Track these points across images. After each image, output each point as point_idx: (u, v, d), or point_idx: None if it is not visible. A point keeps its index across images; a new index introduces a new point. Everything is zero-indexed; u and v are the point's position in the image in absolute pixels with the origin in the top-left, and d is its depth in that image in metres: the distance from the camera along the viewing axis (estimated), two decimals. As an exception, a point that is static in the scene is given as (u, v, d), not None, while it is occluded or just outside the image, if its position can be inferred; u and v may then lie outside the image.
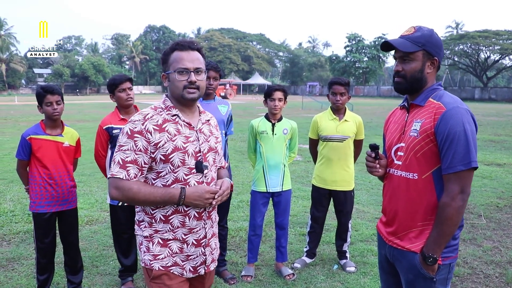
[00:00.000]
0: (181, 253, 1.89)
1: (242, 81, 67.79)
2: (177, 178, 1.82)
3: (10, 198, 6.01)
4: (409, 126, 1.88)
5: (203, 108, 3.51)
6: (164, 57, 1.88)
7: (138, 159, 1.77)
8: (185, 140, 1.85)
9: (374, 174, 2.01)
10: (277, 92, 3.52)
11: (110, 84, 3.34)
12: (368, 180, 7.44)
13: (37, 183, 3.10)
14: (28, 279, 3.57)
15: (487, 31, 55.09)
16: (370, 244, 4.43)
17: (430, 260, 1.76)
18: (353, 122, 3.76)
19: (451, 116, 1.71)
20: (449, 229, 1.73)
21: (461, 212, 1.72)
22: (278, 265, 3.76)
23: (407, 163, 1.85)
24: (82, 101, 40.31)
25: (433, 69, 1.86)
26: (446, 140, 1.71)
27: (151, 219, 1.86)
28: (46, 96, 3.00)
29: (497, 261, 4.03)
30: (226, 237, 3.75)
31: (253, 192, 3.68)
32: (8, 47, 61.03)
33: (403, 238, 1.89)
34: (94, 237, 4.57)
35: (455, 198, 1.70)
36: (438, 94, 1.84)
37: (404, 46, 1.82)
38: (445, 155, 1.72)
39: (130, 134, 1.78)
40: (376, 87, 67.94)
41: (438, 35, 1.87)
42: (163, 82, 1.92)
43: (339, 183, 3.77)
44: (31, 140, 3.04)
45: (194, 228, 1.89)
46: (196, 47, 1.88)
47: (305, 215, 5.41)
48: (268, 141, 3.57)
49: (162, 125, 1.82)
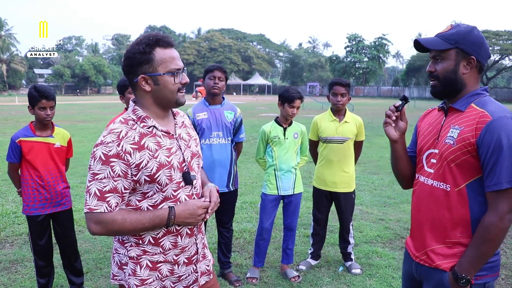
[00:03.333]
0: (172, 275, 1.71)
1: (243, 81, 67.77)
2: (166, 197, 1.64)
3: (12, 200, 5.99)
4: (445, 132, 1.70)
5: (208, 114, 3.51)
6: (144, 56, 1.58)
7: (118, 186, 1.55)
8: (168, 153, 1.64)
9: (386, 129, 1.83)
10: (298, 101, 3.49)
11: (122, 85, 3.30)
12: (371, 181, 7.42)
13: (29, 186, 3.06)
14: (31, 282, 3.55)
15: (487, 31, 55.00)
16: (374, 246, 4.41)
17: (463, 282, 1.60)
18: (353, 124, 3.74)
19: (498, 127, 1.53)
20: (489, 250, 1.58)
21: (506, 233, 1.57)
22: (283, 267, 3.74)
23: (440, 173, 1.69)
24: (83, 101, 40.30)
25: (470, 69, 1.67)
26: (492, 154, 1.53)
27: (138, 240, 1.66)
28: (41, 101, 2.93)
29: (503, 262, 4.00)
30: (231, 239, 3.73)
31: (263, 195, 3.64)
32: (9, 48, 61.00)
33: (429, 254, 1.74)
34: (97, 239, 4.55)
35: (503, 218, 1.54)
36: (482, 101, 1.65)
37: (434, 44, 1.67)
38: (491, 171, 1.55)
39: (105, 160, 1.53)
40: (376, 88, 68.02)
41: (479, 33, 1.67)
42: (140, 86, 1.62)
43: (339, 185, 3.75)
44: (21, 143, 3.00)
45: (186, 247, 1.73)
46: (174, 43, 1.67)
47: (309, 217, 5.38)
48: (280, 146, 3.55)
49: (140, 141, 1.58)
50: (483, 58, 1.68)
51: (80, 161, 8.08)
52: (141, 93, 1.65)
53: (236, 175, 3.60)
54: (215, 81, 3.41)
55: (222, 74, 3.44)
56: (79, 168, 7.84)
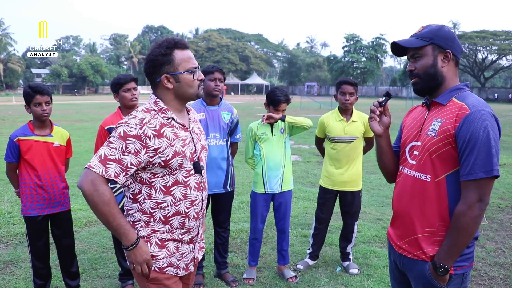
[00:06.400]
0: (177, 252, 1.89)
1: (240, 81, 67.77)
2: (177, 180, 1.82)
3: (8, 200, 5.94)
4: (427, 125, 1.78)
5: (206, 115, 3.51)
6: (165, 58, 1.78)
7: (124, 160, 1.69)
8: (183, 144, 1.83)
9: (370, 124, 1.93)
10: (283, 105, 3.47)
11: (115, 84, 3.28)
12: (368, 180, 7.40)
13: (27, 186, 3.01)
14: (26, 282, 3.51)
15: (484, 31, 55.25)
16: (372, 246, 4.39)
17: (441, 271, 1.67)
18: (360, 122, 3.71)
19: (475, 119, 1.60)
20: (463, 239, 1.64)
21: (477, 222, 1.62)
22: (280, 267, 3.72)
23: (421, 164, 1.76)
24: (80, 101, 40.22)
25: (447, 63, 1.75)
26: (467, 144, 1.60)
27: (149, 218, 1.82)
28: (35, 97, 2.91)
29: (501, 262, 3.99)
30: (228, 239, 3.70)
31: (252, 193, 3.64)
32: (6, 47, 60.81)
33: (411, 244, 1.80)
34: (93, 239, 4.51)
35: (473, 207, 1.60)
36: (463, 95, 1.73)
37: (411, 43, 1.77)
38: (465, 161, 1.62)
39: (123, 136, 1.70)
40: (374, 88, 68.10)
41: (449, 29, 1.79)
42: (163, 85, 1.81)
43: (348, 184, 3.73)
44: (19, 142, 2.96)
45: (191, 228, 1.92)
46: (189, 45, 1.88)
47: (306, 216, 5.37)
48: (268, 143, 3.53)
49: (160, 130, 1.76)
50: (457, 52, 1.77)
51: (77, 161, 8.02)
52: (163, 91, 1.84)
53: (233, 176, 3.59)
54: (216, 83, 3.39)
55: (222, 75, 3.44)
56: (76, 168, 7.78)
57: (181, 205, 1.84)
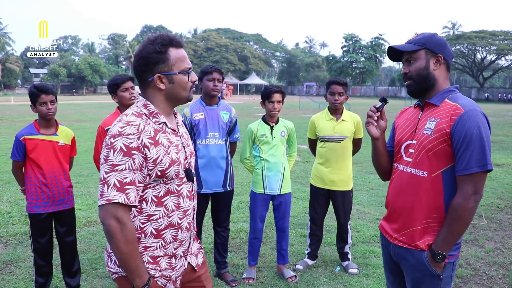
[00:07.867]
0: (170, 267, 1.75)
1: (239, 81, 67.73)
2: (169, 189, 1.68)
3: (7, 199, 5.94)
4: (422, 124, 1.90)
5: (205, 115, 3.51)
6: (159, 56, 1.62)
7: (135, 179, 1.55)
8: (176, 150, 1.69)
9: (368, 128, 2.02)
10: (275, 94, 3.48)
11: (112, 85, 3.32)
12: (368, 180, 7.42)
13: (32, 184, 3.06)
14: (26, 282, 3.51)
15: (483, 31, 55.31)
16: (372, 246, 4.40)
17: (439, 257, 1.79)
18: (350, 122, 3.73)
19: (468, 118, 1.74)
20: (460, 228, 1.78)
21: (473, 213, 1.76)
22: (279, 267, 3.73)
23: (418, 161, 1.88)
24: (79, 101, 40.17)
25: (439, 66, 1.90)
26: (463, 142, 1.74)
27: (140, 234, 1.66)
28: (40, 96, 2.97)
29: (499, 262, 4.00)
30: (227, 239, 3.71)
31: (252, 193, 3.65)
32: (4, 47, 60.67)
33: (408, 236, 1.92)
34: (93, 239, 4.52)
35: (469, 199, 1.74)
36: (455, 96, 1.88)
37: (405, 47, 1.92)
38: (461, 157, 1.75)
39: (126, 151, 1.52)
40: (373, 87, 68.13)
41: (440, 36, 1.95)
42: (155, 85, 1.66)
43: (337, 183, 3.75)
44: (25, 141, 3.01)
45: (183, 240, 1.77)
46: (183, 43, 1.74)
47: (306, 216, 5.37)
48: (268, 145, 3.54)
49: (155, 137, 1.61)
50: (448, 57, 1.92)
51: (75, 161, 7.98)
52: (154, 92, 1.68)
53: (232, 175, 3.60)
54: (214, 83, 3.41)
55: (220, 75, 3.46)
56: (74, 168, 7.74)
57: (173, 216, 1.70)
